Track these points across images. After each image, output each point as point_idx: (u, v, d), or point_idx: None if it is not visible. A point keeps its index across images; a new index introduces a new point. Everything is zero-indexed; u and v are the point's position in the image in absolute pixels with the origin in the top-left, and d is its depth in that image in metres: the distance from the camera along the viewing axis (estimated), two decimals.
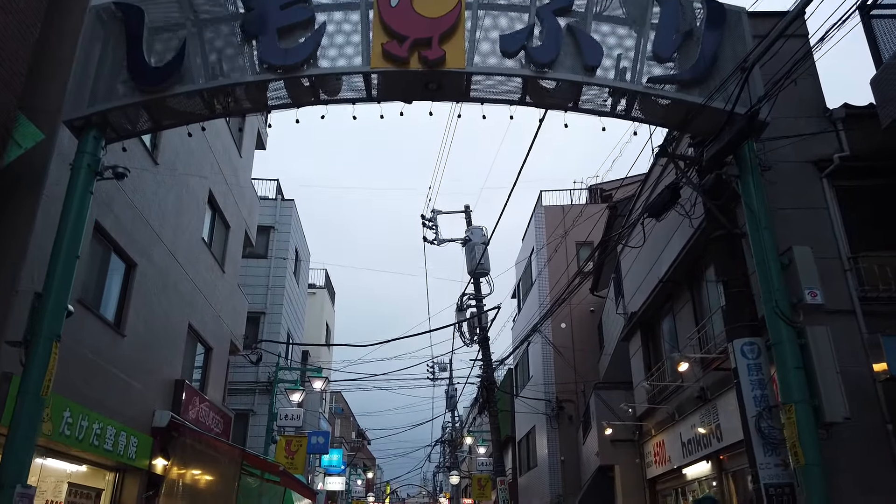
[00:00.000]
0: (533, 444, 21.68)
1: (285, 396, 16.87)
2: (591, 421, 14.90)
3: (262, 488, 14.68)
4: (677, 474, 11.01)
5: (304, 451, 15.98)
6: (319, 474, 27.33)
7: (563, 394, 19.62)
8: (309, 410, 24.45)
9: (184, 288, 11.50)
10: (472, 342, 20.50)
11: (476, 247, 20.20)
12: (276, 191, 21.91)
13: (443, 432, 42.77)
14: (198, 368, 13.10)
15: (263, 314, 20.13)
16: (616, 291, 15.13)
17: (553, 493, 18.37)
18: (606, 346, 17.46)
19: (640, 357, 12.42)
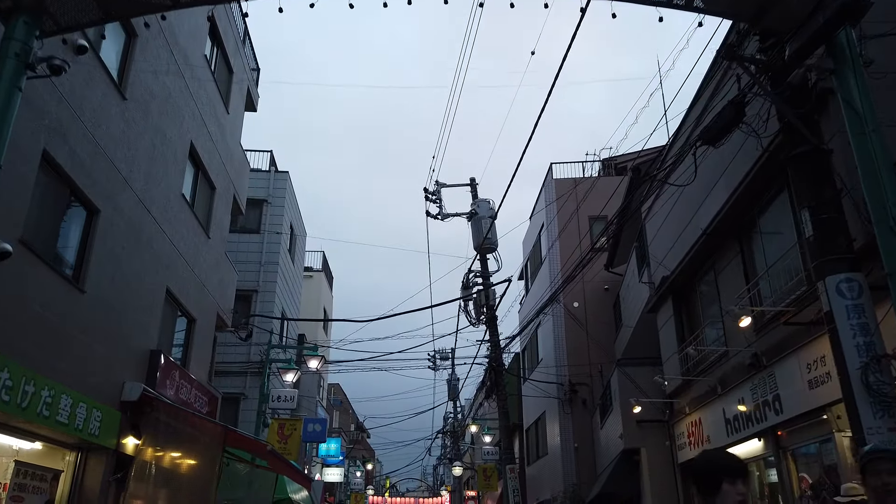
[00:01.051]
0: (543, 432, 20.43)
1: (278, 377, 15.59)
2: (611, 402, 13.64)
3: (252, 475, 13.43)
4: None
5: (299, 436, 14.73)
6: (317, 464, 26.07)
7: (576, 377, 18.37)
8: (305, 397, 23.18)
9: (160, 247, 10.20)
10: (478, 322, 19.25)
11: (483, 220, 18.91)
12: (269, 162, 20.60)
13: (444, 423, 41.53)
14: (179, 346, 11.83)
15: (256, 292, 18.85)
16: (639, 261, 13.84)
17: (567, 482, 17.13)
18: (625, 323, 16.18)
19: (672, 327, 11.13)
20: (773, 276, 7.79)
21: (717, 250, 9.32)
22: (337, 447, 25.29)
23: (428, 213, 20.01)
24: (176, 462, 8.75)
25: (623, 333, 16.28)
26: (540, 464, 20.62)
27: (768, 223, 8.15)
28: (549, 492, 18.89)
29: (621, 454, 12.30)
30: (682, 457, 11.02)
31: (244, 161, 15.43)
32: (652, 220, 12.60)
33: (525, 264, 24.55)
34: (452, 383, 40.58)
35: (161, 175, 10.18)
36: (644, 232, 13.16)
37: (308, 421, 22.31)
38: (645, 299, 13.09)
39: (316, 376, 26.27)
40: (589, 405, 18.03)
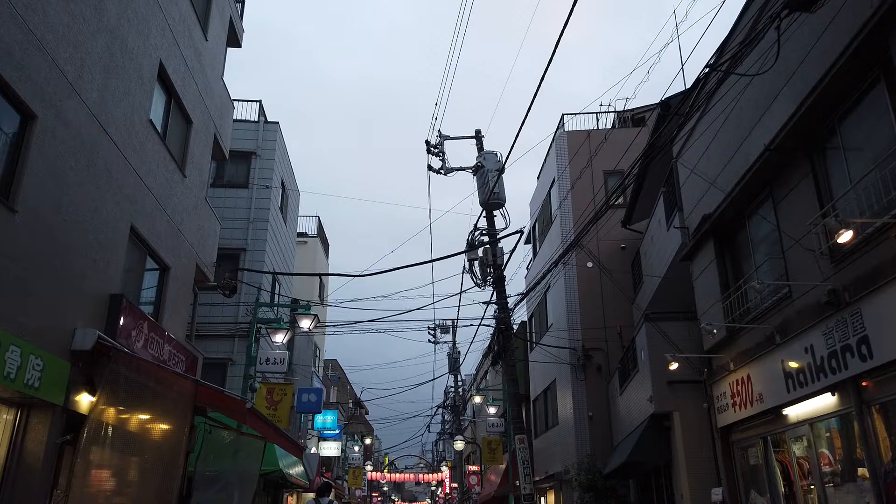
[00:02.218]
0: (553, 401, 19.15)
1: (267, 340, 14.21)
2: (636, 362, 12.30)
3: (238, 443, 12.07)
4: (770, 417, 8.39)
5: (290, 402, 13.39)
6: (312, 437, 24.85)
7: (590, 341, 17.04)
8: (300, 366, 21.87)
9: (121, 176, 8.73)
10: (484, 283, 17.86)
11: (489, 174, 17.41)
12: (258, 112, 19.03)
13: (445, 397, 40.38)
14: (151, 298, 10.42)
15: (244, 251, 17.43)
16: (668, 207, 12.41)
17: (580, 453, 15.87)
18: (649, 278, 14.79)
19: (713, 273, 9.73)
20: (861, 191, 6.36)
21: (778, 174, 7.87)
22: (333, 419, 24.05)
23: (430, 168, 18.51)
24: (138, 422, 7.42)
25: (645, 292, 14.92)
26: (549, 436, 19.38)
27: (853, 131, 6.69)
28: (560, 464, 17.66)
29: (650, 420, 10.98)
30: (722, 420, 9.69)
31: (227, 100, 13.89)
32: (685, 157, 11.15)
33: (532, 226, 23.11)
34: (453, 357, 39.41)
35: (121, 92, 8.67)
36: (675, 173, 11.72)
37: (303, 391, 21.03)
38: (674, 249, 11.70)
39: (311, 345, 24.95)
40: (604, 372, 16.72)
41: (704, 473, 10.05)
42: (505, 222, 17.78)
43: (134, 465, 7.24)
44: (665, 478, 11.74)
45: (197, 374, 11.24)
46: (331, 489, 11.82)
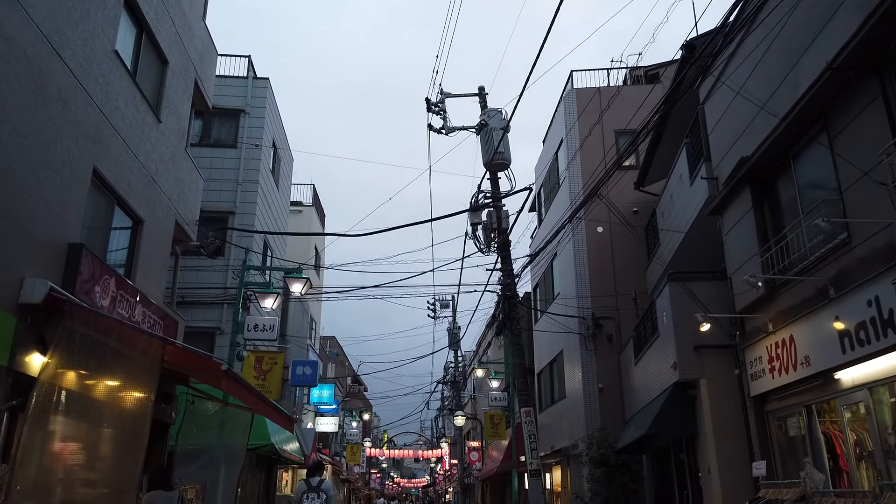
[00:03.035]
0: (559, 373, 18.26)
1: (256, 305, 13.22)
2: (657, 328, 11.33)
3: (224, 415, 11.15)
4: (817, 383, 7.42)
5: (280, 372, 12.44)
6: (308, 412, 24.03)
7: (600, 310, 16.09)
8: (294, 338, 20.95)
9: (80, 110, 7.65)
10: (488, 249, 16.85)
11: (493, 132, 16.31)
12: (247, 67, 17.84)
13: (445, 373, 39.62)
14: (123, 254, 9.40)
15: (232, 213, 16.37)
16: (692, 158, 11.35)
17: (590, 426, 14.99)
18: (664, 245, 13.79)
19: (750, 224, 8.69)
20: None
21: (835, 102, 6.80)
22: (330, 394, 23.18)
23: (430, 127, 17.43)
24: (97, 386, 6.45)
25: (662, 255, 13.92)
26: (555, 410, 18.52)
27: None
28: (568, 439, 16.82)
29: (673, 389, 10.03)
30: (756, 388, 8.73)
31: (209, 44, 12.72)
32: (714, 101, 10.07)
33: (537, 192, 22.03)
34: (454, 332, 38.55)
35: (77, 13, 7.54)
36: (701, 120, 10.64)
37: (297, 363, 20.10)
38: (699, 204, 10.67)
39: (307, 317, 24.02)
40: (616, 342, 15.78)
41: (734, 446, 9.13)
42: (510, 184, 16.76)
43: (92, 434, 6.28)
44: (685, 452, 10.85)
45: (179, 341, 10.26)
46: (323, 468, 11.06)
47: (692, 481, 10.38)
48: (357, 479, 37.78)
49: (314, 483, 9.08)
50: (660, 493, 12.79)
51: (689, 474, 10.47)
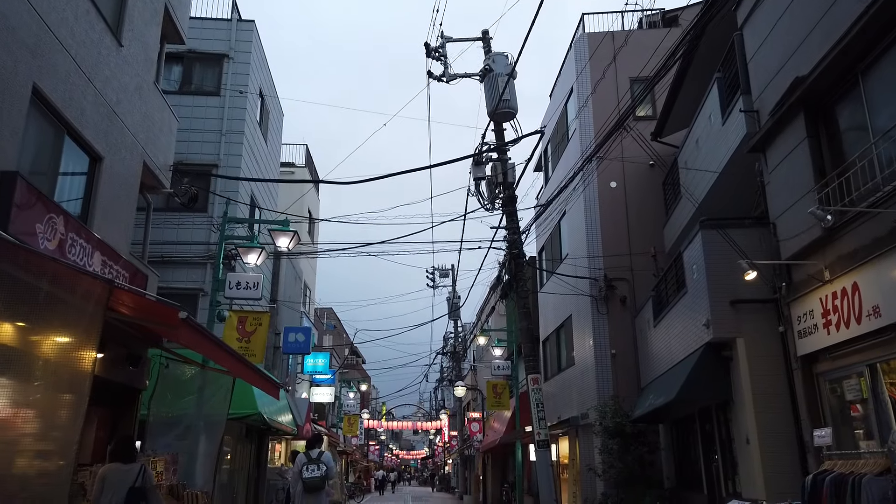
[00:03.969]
0: (567, 340, 17.20)
1: (240, 261, 12.04)
2: (681, 284, 10.19)
3: (203, 379, 10.09)
4: (887, 337, 6.29)
5: (265, 334, 11.32)
6: (303, 382, 23.07)
7: (613, 271, 14.95)
8: (287, 303, 19.86)
9: (13, 14, 6.38)
10: (492, 205, 15.66)
11: (499, 78, 15.03)
12: (230, 8, 16.41)
13: (444, 343, 38.72)
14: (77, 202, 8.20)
15: (216, 167, 15.12)
16: (725, 95, 10.10)
17: (602, 395, 13.96)
18: (686, 198, 12.60)
19: (804, 156, 7.47)
20: None
21: None
22: (325, 362, 22.16)
23: (430, 74, 16.10)
24: (25, 335, 5.33)
25: (683, 209, 12.74)
26: (562, 378, 17.50)
27: None
28: (577, 408, 15.81)
29: (705, 350, 8.91)
30: (805, 347, 7.62)
31: None
32: (756, 20, 8.78)
33: (544, 149, 20.75)
34: (453, 301, 37.54)
35: None
36: (738, 48, 9.36)
37: (289, 330, 19.05)
38: (734, 145, 9.45)
39: (300, 283, 22.92)
40: (630, 305, 14.68)
41: (777, 413, 8.05)
42: (516, 135, 15.51)
43: (19, 393, 5.16)
44: (714, 420, 9.79)
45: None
46: (322, 440, 10.28)
47: (724, 452, 9.34)
48: (354, 451, 37.06)
49: (314, 455, 8.81)
50: (680, 465, 11.80)
51: (721, 445, 9.42)
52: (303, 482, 8.58)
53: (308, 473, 8.52)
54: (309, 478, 8.54)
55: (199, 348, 5.98)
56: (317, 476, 8.54)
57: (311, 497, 8.61)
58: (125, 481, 6.36)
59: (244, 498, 16.70)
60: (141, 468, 6.44)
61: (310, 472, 8.52)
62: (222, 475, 15.14)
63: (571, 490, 16.11)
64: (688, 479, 11.32)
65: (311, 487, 8.54)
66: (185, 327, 5.39)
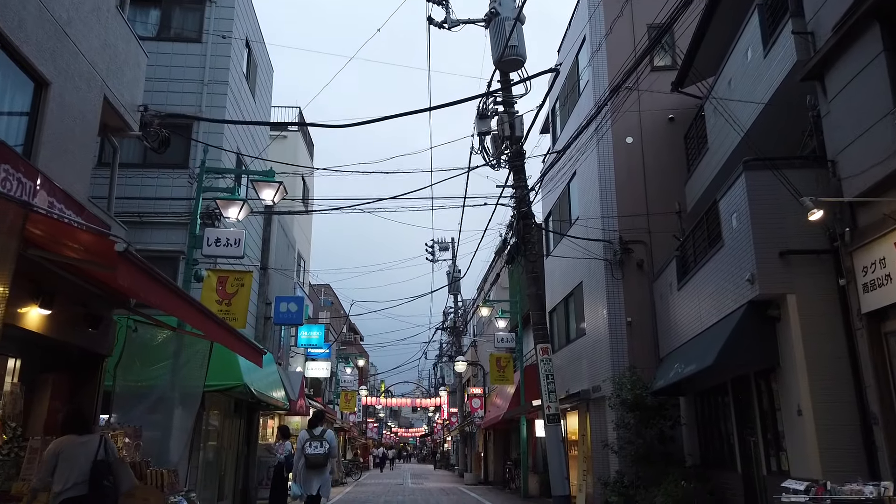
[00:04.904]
0: (577, 309, 16.11)
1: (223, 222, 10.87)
2: (714, 239, 9.05)
3: (177, 345, 9.01)
4: None
5: (247, 296, 10.20)
6: (297, 355, 22.02)
7: (627, 234, 13.82)
8: (279, 271, 18.72)
9: None
10: (498, 162, 14.46)
11: (505, 23, 13.76)
12: None
13: (444, 318, 37.71)
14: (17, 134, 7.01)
15: (197, 120, 13.86)
16: (766, 24, 8.86)
17: (616, 366, 12.90)
18: (714, 149, 11.42)
19: (878, 76, 6.27)
20: None
21: None
22: (320, 335, 21.10)
23: (430, 21, 14.77)
24: None
25: (709, 163, 11.57)
26: (571, 350, 16.44)
27: None
28: (587, 381, 14.76)
29: (747, 309, 7.79)
30: (871, 302, 6.50)
31: None
32: None
33: (552, 109, 19.48)
34: (453, 275, 36.44)
35: None
36: None
37: (281, 299, 17.93)
38: (779, 77, 8.25)
39: (293, 252, 21.76)
40: (647, 269, 13.56)
41: (835, 379, 6.97)
42: (525, 87, 14.29)
43: None
44: (753, 389, 8.71)
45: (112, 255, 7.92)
46: (323, 417, 10.09)
47: (764, 426, 8.27)
48: (352, 428, 36.21)
49: (317, 432, 8.86)
50: (706, 441, 10.77)
51: (761, 417, 8.35)
52: (305, 458, 8.60)
53: (311, 450, 8.56)
54: (312, 454, 8.58)
55: (151, 297, 4.83)
56: (320, 453, 8.60)
57: (314, 473, 8.63)
58: (85, 454, 5.35)
59: (233, 477, 15.73)
60: (101, 439, 5.39)
61: (313, 449, 8.56)
62: (207, 452, 14.14)
63: (581, 468, 15.13)
64: (715, 455, 10.29)
65: (314, 464, 8.58)
66: (127, 266, 4.24)
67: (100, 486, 4.98)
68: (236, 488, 15.74)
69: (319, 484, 8.76)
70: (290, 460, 11.30)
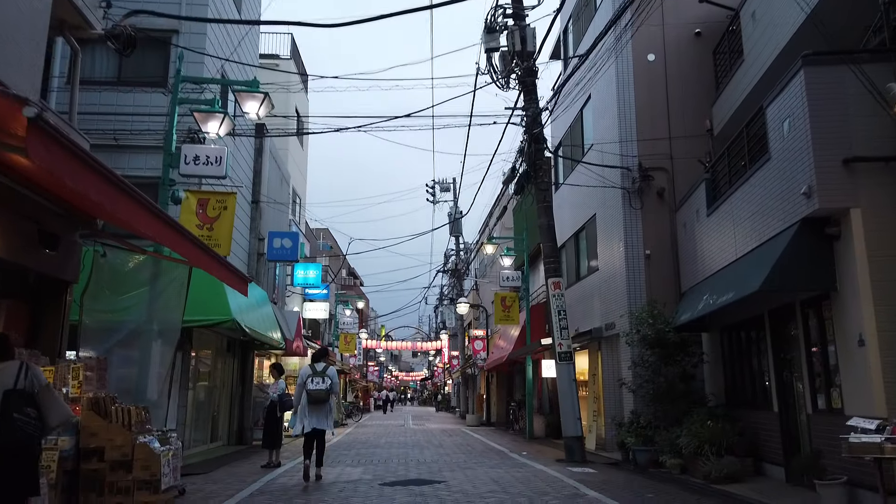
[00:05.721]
0: (589, 244, 15.14)
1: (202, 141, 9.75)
2: (759, 152, 7.98)
3: (153, 270, 8.08)
4: None
5: (231, 220, 9.19)
6: (293, 295, 21.21)
7: (647, 160, 12.72)
8: (272, 205, 17.68)
9: None
10: (506, 82, 13.24)
11: None
12: None
13: (445, 260, 36.87)
14: None
15: (176, 33, 12.59)
16: None
17: (633, 302, 12.03)
18: (751, 60, 10.20)
19: None
20: None
21: None
22: (317, 274, 20.21)
23: None
24: None
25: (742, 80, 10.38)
26: (581, 288, 15.55)
27: None
28: (600, 319, 13.94)
29: (800, 228, 6.78)
30: None
31: None
32: None
33: (561, 32, 18.03)
34: (455, 217, 35.42)
35: None
36: None
37: (274, 235, 16.94)
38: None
39: (287, 186, 20.65)
40: (668, 197, 12.53)
41: None
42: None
43: None
44: (793, 321, 7.82)
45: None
46: (327, 354, 9.92)
47: (810, 361, 7.39)
48: (352, 370, 35.84)
49: (319, 368, 8.68)
50: (734, 379, 9.97)
51: (806, 351, 7.46)
52: (307, 394, 8.48)
53: (313, 386, 8.45)
54: (314, 390, 8.44)
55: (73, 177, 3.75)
56: (322, 388, 8.46)
57: (315, 409, 8.53)
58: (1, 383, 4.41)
59: (227, 417, 15.10)
60: (21, 366, 4.45)
61: (315, 385, 8.45)
62: (198, 392, 13.45)
63: (591, 408, 14.47)
64: (744, 394, 9.50)
65: (316, 399, 8.48)
66: (33, 132, 3.17)
67: (8, 417, 4.09)
68: (230, 428, 15.15)
69: (321, 419, 8.60)
70: (283, 399, 10.52)
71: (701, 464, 8.59)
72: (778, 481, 8.08)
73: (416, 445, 14.84)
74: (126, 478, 5.69)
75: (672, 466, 9.43)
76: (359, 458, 11.84)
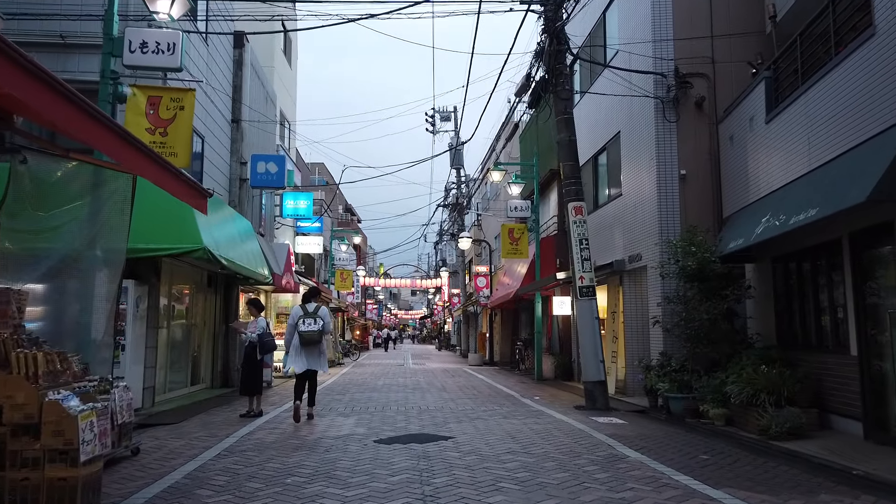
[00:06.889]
0: (612, 166, 13.46)
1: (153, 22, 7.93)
2: (872, 21, 6.23)
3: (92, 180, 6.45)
4: None
5: (189, 123, 7.47)
6: (284, 227, 19.63)
7: (684, 66, 10.91)
8: (254, 125, 15.85)
9: None
10: None
11: None
12: None
13: (446, 194, 35.16)
14: None
15: None
16: None
17: (665, 230, 10.48)
18: None
19: None
20: None
21: None
22: (309, 204, 18.56)
23: None
24: None
25: None
26: (600, 217, 13.96)
27: None
28: (622, 251, 12.43)
29: None
30: None
31: None
32: None
33: None
34: (456, 148, 33.49)
35: None
36: None
37: (257, 158, 15.26)
38: None
39: (273, 107, 18.73)
40: (709, 108, 10.79)
41: None
42: None
43: None
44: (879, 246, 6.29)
45: None
46: (319, 293, 9.32)
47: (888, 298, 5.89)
48: (349, 308, 34.66)
49: (310, 308, 8.40)
50: (788, 317, 8.52)
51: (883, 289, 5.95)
52: (299, 335, 8.23)
53: (304, 327, 8.20)
54: (306, 331, 8.19)
55: None
56: (314, 330, 8.20)
57: (308, 350, 8.28)
58: None
59: (210, 358, 13.78)
60: None
61: (306, 326, 8.21)
62: (174, 331, 12.06)
63: (611, 349, 13.14)
64: (805, 334, 8.09)
65: (308, 341, 8.22)
66: None
67: None
68: (214, 370, 13.85)
69: (314, 360, 8.36)
70: (263, 339, 9.09)
71: (755, 416, 7.23)
72: (854, 438, 6.74)
73: (416, 388, 13.59)
74: (34, 446, 4.26)
75: (716, 417, 8.09)
76: (353, 404, 10.54)
